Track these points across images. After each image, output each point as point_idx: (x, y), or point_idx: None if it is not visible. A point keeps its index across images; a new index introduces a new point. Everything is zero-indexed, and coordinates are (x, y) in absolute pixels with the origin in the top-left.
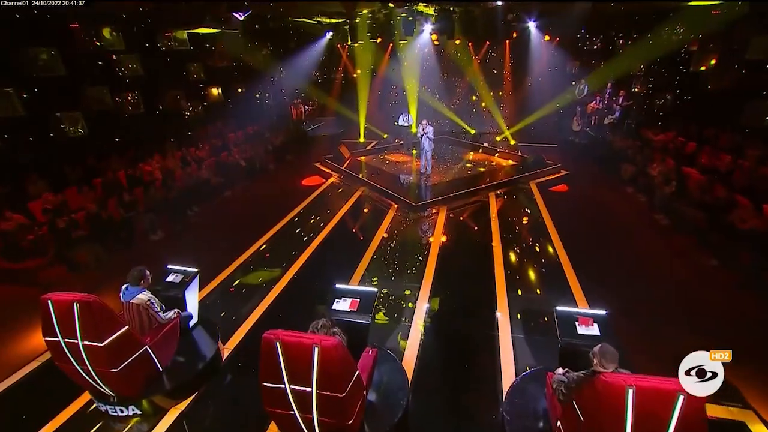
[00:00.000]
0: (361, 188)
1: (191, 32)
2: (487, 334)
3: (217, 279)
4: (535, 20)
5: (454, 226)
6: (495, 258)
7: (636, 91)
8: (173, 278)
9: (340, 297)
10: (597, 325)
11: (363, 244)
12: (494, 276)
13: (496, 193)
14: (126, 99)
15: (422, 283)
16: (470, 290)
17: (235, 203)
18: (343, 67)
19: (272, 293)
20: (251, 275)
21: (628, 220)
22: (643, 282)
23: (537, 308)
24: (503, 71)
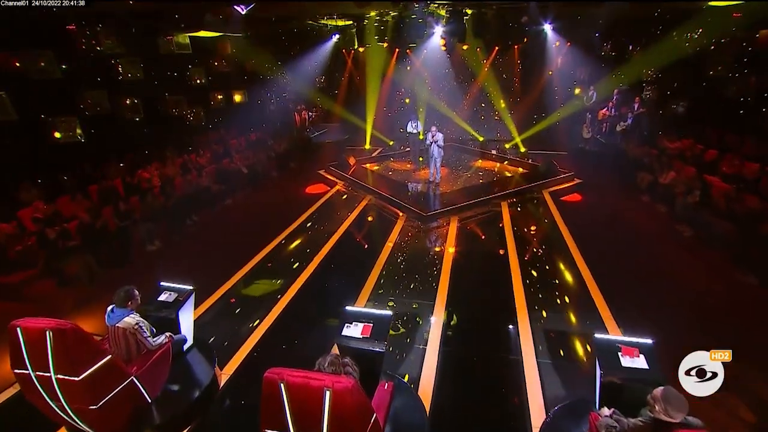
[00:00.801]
0: (368, 197)
1: (193, 36)
2: (509, 359)
3: (215, 294)
4: (551, 22)
5: (466, 238)
6: (512, 272)
7: (647, 98)
8: (166, 297)
9: (350, 321)
10: (644, 357)
11: (371, 257)
12: (512, 292)
13: (508, 203)
14: (125, 103)
15: (436, 300)
16: (488, 308)
17: (237, 212)
18: (349, 72)
19: (275, 310)
20: (252, 290)
21: (648, 231)
22: (678, 301)
23: (561, 329)
24: (513, 77)
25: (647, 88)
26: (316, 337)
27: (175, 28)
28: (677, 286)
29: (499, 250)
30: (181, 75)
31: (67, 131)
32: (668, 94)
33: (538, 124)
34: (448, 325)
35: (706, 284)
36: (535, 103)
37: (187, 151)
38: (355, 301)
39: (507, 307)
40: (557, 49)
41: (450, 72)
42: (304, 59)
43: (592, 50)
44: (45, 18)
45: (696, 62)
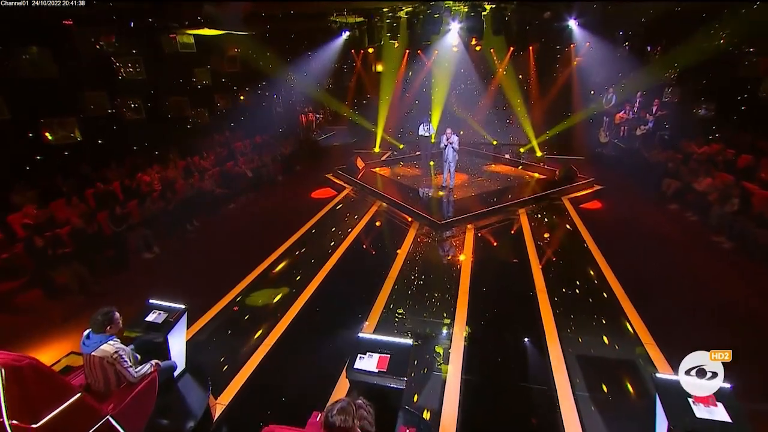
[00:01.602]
0: (377, 202)
1: (197, 35)
2: (542, 392)
3: (213, 309)
4: (576, 18)
5: (484, 249)
6: (537, 288)
7: (668, 100)
8: (155, 317)
9: (364, 352)
10: (722, 406)
11: (382, 269)
12: (539, 310)
13: (527, 210)
14: (126, 104)
15: (455, 318)
16: (513, 329)
17: (240, 217)
18: (358, 73)
19: (277, 328)
20: (253, 304)
21: (681, 243)
22: (729, 325)
23: (599, 355)
24: (528, 78)
25: (669, 89)
26: (323, 359)
27: (177, 25)
28: (723, 306)
29: (521, 263)
30: (185, 75)
31: (64, 132)
32: (693, 95)
33: (555, 127)
34: (470, 350)
35: (759, 304)
36: (551, 105)
37: (191, 154)
38: (367, 318)
39: (534, 328)
40: (578, 48)
41: (463, 73)
42: (311, 59)
43: (620, 49)
44: (41, 16)
45: (726, 62)
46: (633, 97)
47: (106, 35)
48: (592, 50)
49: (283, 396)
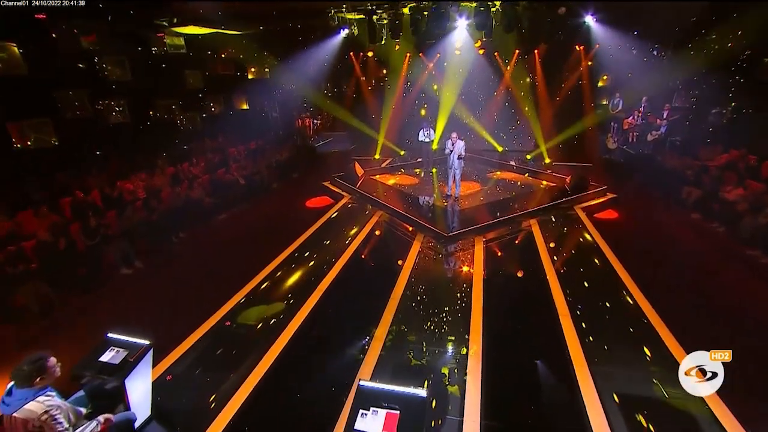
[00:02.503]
0: (378, 212)
1: (189, 35)
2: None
3: (193, 336)
4: (594, 13)
5: (496, 264)
6: (558, 309)
7: (678, 105)
8: (112, 356)
9: (366, 406)
10: None
11: (384, 287)
12: (563, 335)
13: (539, 221)
14: (110, 106)
15: (468, 346)
16: (536, 360)
17: (230, 228)
18: (357, 77)
19: (266, 358)
20: (244, 322)
21: (713, 257)
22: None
23: (638, 393)
24: (536, 82)
25: (677, 95)
26: (318, 396)
27: (166, 23)
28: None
29: (538, 281)
30: (175, 77)
31: (37, 135)
32: (702, 100)
33: (564, 132)
34: (489, 386)
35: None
36: (560, 110)
37: (181, 160)
38: (368, 346)
39: (560, 358)
40: (597, 48)
41: (467, 77)
42: (308, 60)
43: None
44: (11, 9)
45: (739, 65)
46: (638, 102)
47: (88, 32)
48: (615, 50)
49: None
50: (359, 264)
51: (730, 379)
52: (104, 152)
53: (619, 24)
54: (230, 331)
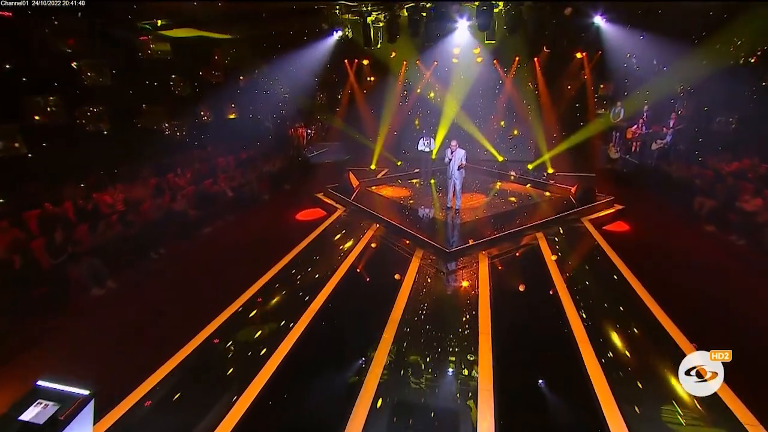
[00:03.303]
0: (374, 226)
1: (176, 40)
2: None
3: (164, 367)
4: (603, 14)
5: (503, 282)
6: (577, 336)
7: (681, 113)
8: (37, 413)
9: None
10: None
11: (382, 309)
12: (584, 367)
13: (545, 234)
14: (88, 112)
15: (478, 380)
16: (554, 393)
17: (215, 242)
18: (351, 83)
19: (247, 395)
20: (218, 361)
21: (738, 274)
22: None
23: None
24: (535, 91)
25: (680, 103)
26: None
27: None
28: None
29: (551, 301)
30: (160, 83)
31: (4, 143)
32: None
33: (564, 141)
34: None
35: None
36: (562, 119)
37: (166, 170)
38: (365, 378)
39: (585, 397)
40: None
41: (466, 84)
42: (301, 65)
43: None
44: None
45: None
46: (639, 110)
47: (64, 33)
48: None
49: None
50: (353, 283)
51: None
52: (81, 161)
53: (634, 23)
54: (208, 362)
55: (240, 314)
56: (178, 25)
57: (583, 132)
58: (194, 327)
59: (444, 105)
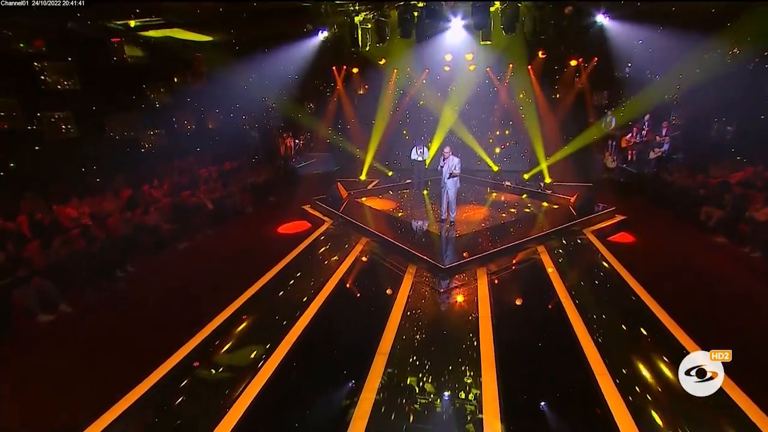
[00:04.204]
0: (363, 240)
1: (153, 41)
2: None
3: (116, 408)
4: (606, 12)
5: (505, 302)
6: (590, 360)
7: (675, 121)
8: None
9: None
10: None
11: (372, 331)
12: (605, 401)
13: (547, 247)
14: (52, 118)
15: (483, 416)
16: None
17: (190, 259)
18: (340, 91)
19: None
20: (184, 400)
21: (759, 289)
22: None
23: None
24: (529, 99)
25: (675, 110)
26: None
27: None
28: None
29: (560, 323)
30: (136, 88)
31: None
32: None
33: (559, 151)
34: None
35: None
36: (559, 127)
37: (141, 182)
38: (351, 417)
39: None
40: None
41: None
42: (285, 69)
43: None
44: None
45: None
46: (641, 119)
47: (25, 32)
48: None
49: None
50: (338, 306)
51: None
52: (43, 171)
53: (641, 18)
54: (170, 398)
55: (211, 342)
56: (154, 26)
57: (579, 141)
58: (155, 358)
59: (437, 113)
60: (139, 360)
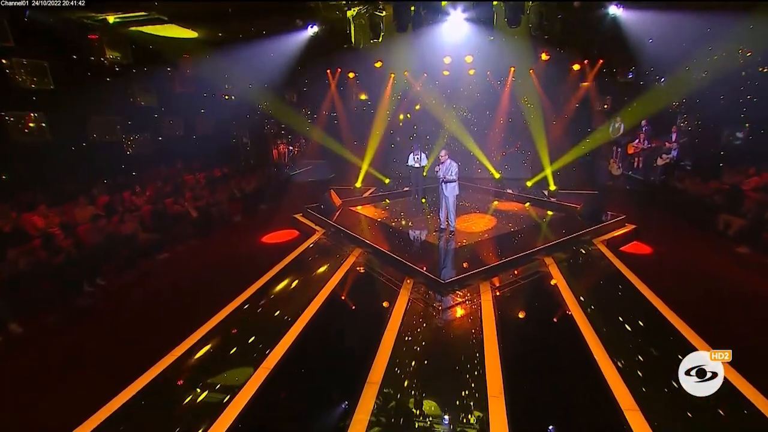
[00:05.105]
0: (356, 251)
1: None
2: None
3: None
4: (619, 3)
5: (513, 322)
6: (619, 400)
7: (683, 126)
8: None
9: None
10: None
11: (362, 356)
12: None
13: (556, 259)
14: (21, 119)
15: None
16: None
17: (166, 272)
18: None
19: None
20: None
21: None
22: None
23: None
24: (530, 104)
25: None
26: None
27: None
28: None
29: (578, 348)
30: (120, 90)
31: None
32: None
33: (563, 156)
34: None
35: None
36: (561, 133)
37: (122, 189)
38: None
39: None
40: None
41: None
42: (273, 65)
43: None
44: None
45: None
46: (641, 125)
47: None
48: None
49: None
50: (325, 326)
51: None
52: (9, 176)
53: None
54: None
55: (177, 368)
56: (136, 22)
57: (583, 147)
58: (113, 387)
59: (436, 118)
60: (96, 389)
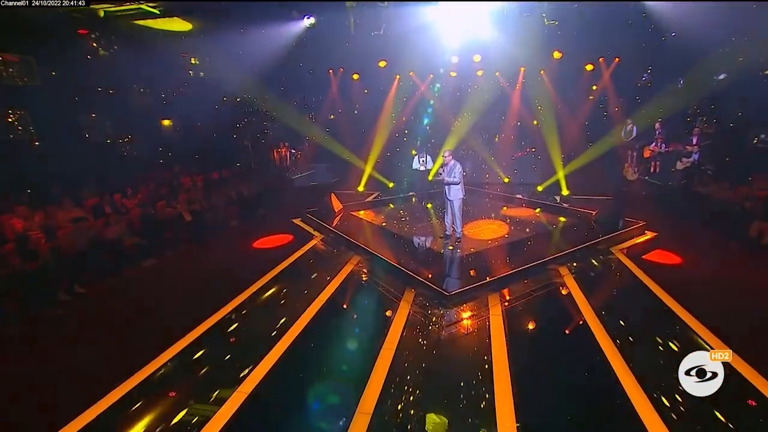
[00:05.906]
0: (354, 258)
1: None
2: None
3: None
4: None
5: (524, 336)
6: (644, 421)
7: (705, 130)
8: None
9: None
10: None
11: (353, 381)
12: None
13: (571, 269)
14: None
15: None
16: None
17: (151, 280)
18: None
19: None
20: None
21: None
22: None
23: None
24: (539, 107)
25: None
26: None
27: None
28: None
29: (598, 366)
30: (112, 89)
31: None
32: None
33: (575, 160)
34: None
35: None
36: (575, 135)
37: (112, 191)
38: None
39: None
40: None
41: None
42: (265, 57)
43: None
44: None
45: None
46: (655, 129)
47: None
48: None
49: None
50: (314, 344)
51: None
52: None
53: None
54: None
55: (155, 385)
56: (127, 15)
57: (595, 150)
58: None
59: (442, 120)
60: (60, 409)
